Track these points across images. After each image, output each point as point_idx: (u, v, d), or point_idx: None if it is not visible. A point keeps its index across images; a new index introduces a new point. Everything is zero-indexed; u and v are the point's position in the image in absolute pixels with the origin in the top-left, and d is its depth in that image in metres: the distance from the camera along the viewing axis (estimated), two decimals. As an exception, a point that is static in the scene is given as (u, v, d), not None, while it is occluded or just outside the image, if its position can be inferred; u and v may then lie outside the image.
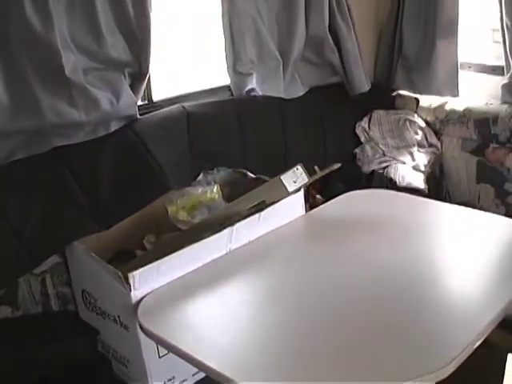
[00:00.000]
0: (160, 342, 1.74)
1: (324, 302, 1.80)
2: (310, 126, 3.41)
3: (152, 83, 2.84)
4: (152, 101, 2.88)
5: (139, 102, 2.71)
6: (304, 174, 2.36)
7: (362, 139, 3.64)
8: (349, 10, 3.40)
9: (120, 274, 1.97)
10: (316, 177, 2.46)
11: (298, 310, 1.77)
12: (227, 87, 3.20)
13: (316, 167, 2.47)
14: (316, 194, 3.06)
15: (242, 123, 3.02)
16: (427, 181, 3.44)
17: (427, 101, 3.70)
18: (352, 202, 2.49)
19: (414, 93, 3.76)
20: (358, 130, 3.65)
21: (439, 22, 3.51)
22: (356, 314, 1.73)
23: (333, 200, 2.51)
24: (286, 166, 2.42)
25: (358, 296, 1.81)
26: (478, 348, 1.55)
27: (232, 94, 3.20)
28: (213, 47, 3.14)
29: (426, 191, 3.36)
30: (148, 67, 2.59)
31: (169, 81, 3.04)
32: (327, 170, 2.50)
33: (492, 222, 2.28)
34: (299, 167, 2.37)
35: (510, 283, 1.82)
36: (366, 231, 2.22)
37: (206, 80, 3.19)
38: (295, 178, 2.33)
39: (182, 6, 3.02)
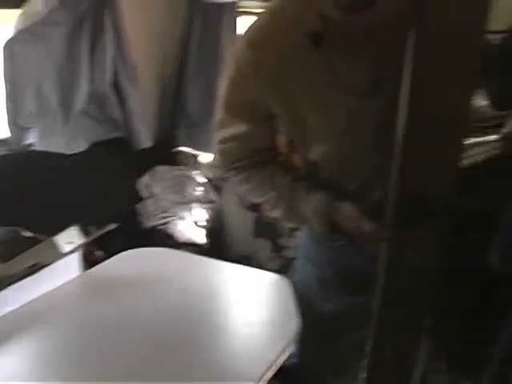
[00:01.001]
0: None
1: (98, 364, 1.79)
2: (91, 182, 3.39)
3: None
4: None
5: None
6: (79, 234, 2.35)
7: (144, 195, 3.68)
8: (134, 67, 3.45)
9: None
10: (92, 237, 2.46)
11: (73, 375, 1.75)
12: (6, 141, 3.09)
13: (92, 227, 2.47)
14: (96, 251, 3.04)
15: (20, 179, 2.95)
16: (208, 236, 3.55)
17: (208, 157, 3.83)
18: (128, 261, 2.49)
19: (195, 150, 3.89)
20: (140, 186, 3.69)
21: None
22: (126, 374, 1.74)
23: (110, 259, 2.50)
24: (66, 225, 2.39)
25: (127, 358, 1.82)
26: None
27: (11, 149, 3.10)
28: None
29: (207, 246, 3.46)
30: None
31: None
32: (103, 231, 2.51)
33: (263, 279, 2.38)
34: (74, 227, 2.35)
35: (280, 336, 1.91)
36: (134, 291, 2.22)
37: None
38: (70, 238, 2.31)
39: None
